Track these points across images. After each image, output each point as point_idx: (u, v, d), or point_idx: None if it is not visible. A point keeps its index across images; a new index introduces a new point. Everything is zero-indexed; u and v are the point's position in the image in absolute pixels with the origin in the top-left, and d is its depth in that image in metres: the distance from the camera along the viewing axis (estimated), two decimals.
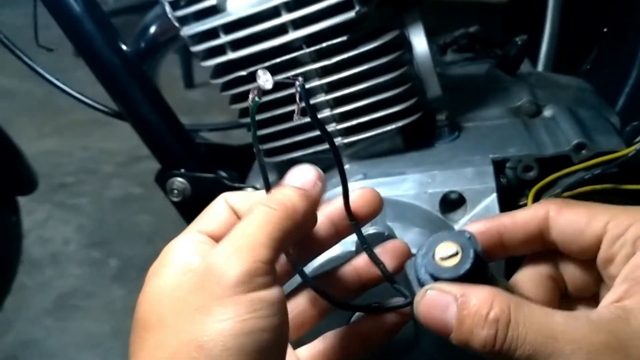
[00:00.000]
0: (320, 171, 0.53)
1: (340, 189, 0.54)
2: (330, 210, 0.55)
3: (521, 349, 0.43)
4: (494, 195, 0.75)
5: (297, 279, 0.55)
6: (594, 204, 0.50)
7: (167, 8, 0.81)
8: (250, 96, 0.49)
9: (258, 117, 0.84)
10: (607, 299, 0.46)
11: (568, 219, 0.49)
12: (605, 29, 1.11)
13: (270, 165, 0.93)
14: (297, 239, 0.51)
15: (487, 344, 0.44)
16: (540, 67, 1.17)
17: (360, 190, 0.56)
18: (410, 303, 0.50)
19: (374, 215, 0.55)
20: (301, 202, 0.50)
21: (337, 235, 0.56)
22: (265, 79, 0.49)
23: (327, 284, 0.56)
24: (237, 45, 0.80)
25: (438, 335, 0.50)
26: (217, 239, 0.51)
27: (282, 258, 0.54)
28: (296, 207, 0.49)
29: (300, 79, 0.48)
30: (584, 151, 0.79)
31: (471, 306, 0.45)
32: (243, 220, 0.49)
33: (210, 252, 0.47)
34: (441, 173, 0.78)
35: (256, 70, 0.49)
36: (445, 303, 0.46)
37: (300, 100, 0.48)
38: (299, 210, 0.50)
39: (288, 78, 0.48)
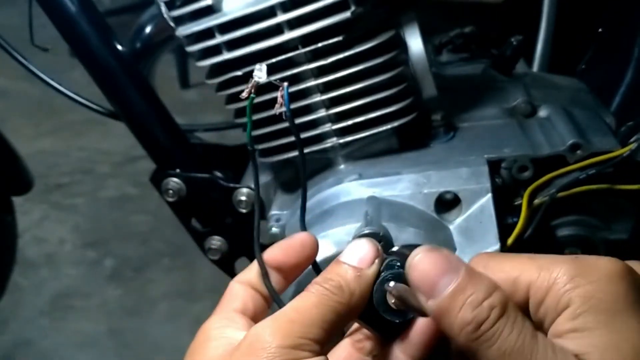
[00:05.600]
0: (378, 247, 0.51)
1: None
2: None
3: (496, 347, 0.43)
4: (489, 196, 0.75)
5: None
6: (517, 260, 0.47)
7: (163, 8, 0.81)
8: (246, 92, 0.49)
9: (254, 117, 0.84)
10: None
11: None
12: (600, 29, 1.12)
13: (265, 165, 0.93)
14: (349, 322, 0.50)
15: (469, 326, 0.43)
16: (535, 67, 1.17)
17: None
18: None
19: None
20: (358, 286, 0.48)
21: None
22: (260, 74, 0.49)
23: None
24: (232, 45, 0.80)
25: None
26: (244, 312, 0.51)
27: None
28: (352, 291, 0.48)
29: (285, 83, 0.49)
30: (579, 151, 0.79)
31: (471, 285, 0.44)
32: (297, 297, 0.48)
33: (260, 323, 0.46)
34: (436, 173, 0.78)
35: (252, 70, 0.50)
36: (447, 268, 0.45)
37: (282, 105, 0.49)
38: (355, 295, 0.48)
39: (277, 81, 0.49)
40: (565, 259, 0.45)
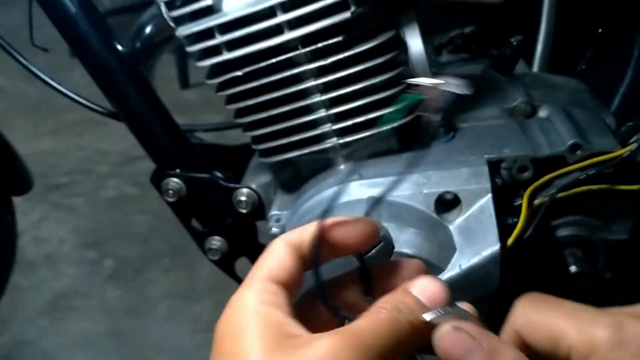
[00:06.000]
0: (449, 291, 0.49)
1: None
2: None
3: None
4: (489, 196, 0.75)
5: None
6: (560, 318, 0.46)
7: (163, 8, 0.81)
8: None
9: (254, 118, 0.84)
10: None
11: (535, 339, 0.47)
12: (600, 30, 1.12)
13: (265, 165, 0.93)
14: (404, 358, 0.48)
15: None
16: (535, 67, 1.17)
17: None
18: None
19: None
20: (426, 328, 0.46)
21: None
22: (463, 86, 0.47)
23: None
24: (232, 45, 0.80)
25: None
26: (285, 285, 0.48)
27: None
28: (421, 332, 0.46)
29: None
30: (579, 152, 0.79)
31: None
32: (364, 318, 0.45)
33: (335, 338, 0.43)
34: (436, 173, 0.78)
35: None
36: (470, 348, 0.45)
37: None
38: (423, 334, 0.46)
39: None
40: (606, 321, 0.44)
